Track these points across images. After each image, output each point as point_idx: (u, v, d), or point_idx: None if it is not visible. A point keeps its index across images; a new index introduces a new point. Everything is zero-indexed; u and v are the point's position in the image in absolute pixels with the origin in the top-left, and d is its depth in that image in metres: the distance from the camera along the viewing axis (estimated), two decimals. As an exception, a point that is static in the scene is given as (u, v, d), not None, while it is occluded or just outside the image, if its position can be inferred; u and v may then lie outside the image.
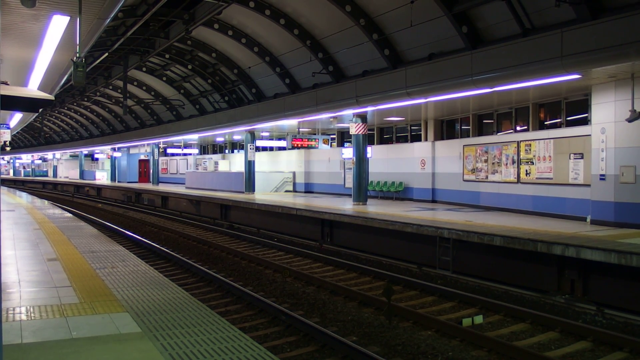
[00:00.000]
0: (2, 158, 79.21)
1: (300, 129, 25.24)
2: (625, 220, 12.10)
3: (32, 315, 5.36)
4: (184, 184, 34.93)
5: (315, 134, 26.62)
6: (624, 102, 12.06)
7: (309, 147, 24.97)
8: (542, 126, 16.03)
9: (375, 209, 17.23)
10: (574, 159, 14.10)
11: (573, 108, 15.01)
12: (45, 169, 76.93)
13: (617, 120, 12.22)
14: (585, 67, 10.44)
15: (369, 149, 20.09)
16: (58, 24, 8.27)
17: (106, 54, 25.14)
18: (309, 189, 27.30)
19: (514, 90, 13.01)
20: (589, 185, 13.23)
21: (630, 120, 11.73)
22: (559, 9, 11.91)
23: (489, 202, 16.94)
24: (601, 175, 12.57)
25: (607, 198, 12.41)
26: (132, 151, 47.70)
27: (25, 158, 76.65)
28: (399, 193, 21.04)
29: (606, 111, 12.47)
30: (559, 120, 15.47)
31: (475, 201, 17.56)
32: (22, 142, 79.67)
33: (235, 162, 34.81)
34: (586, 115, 14.40)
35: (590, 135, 13.07)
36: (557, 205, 14.55)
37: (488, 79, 12.10)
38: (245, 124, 23.69)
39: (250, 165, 26.04)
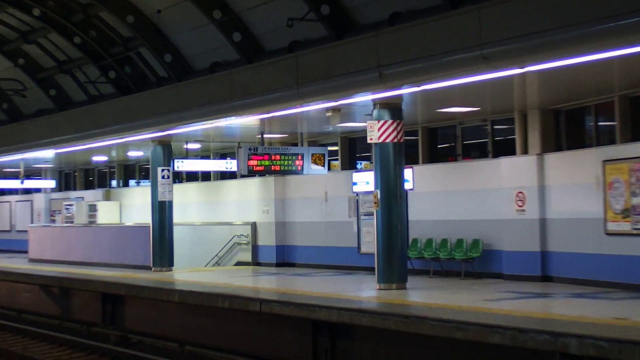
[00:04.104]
0: None
1: (264, 135, 19.72)
2: None
3: None
4: (26, 251, 27.59)
5: (296, 144, 20.49)
6: None
7: (283, 172, 19.55)
8: None
9: (425, 298, 14.23)
10: None
11: None
12: None
13: None
14: None
15: (407, 172, 16.02)
16: None
17: None
18: (286, 258, 21.22)
19: None
20: None
21: None
22: None
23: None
24: None
25: None
26: None
27: None
28: (473, 263, 16.80)
29: None
30: None
31: (634, 276, 13.87)
32: None
33: (132, 206, 27.32)
34: None
35: None
36: None
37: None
38: (151, 127, 18.57)
39: (163, 210, 19.95)
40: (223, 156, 23.07)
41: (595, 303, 12.52)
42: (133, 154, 24.65)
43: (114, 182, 29.60)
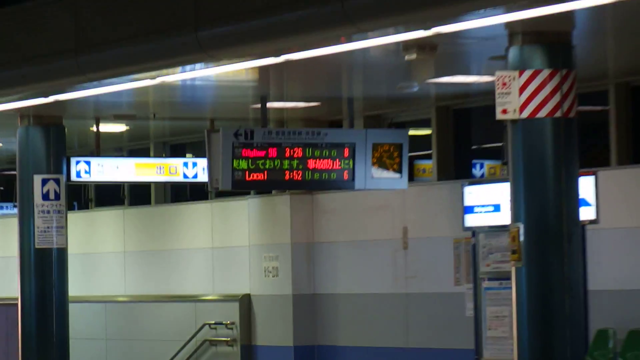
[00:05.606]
0: None
1: (268, 103, 12.74)
2: None
3: None
4: None
5: (339, 122, 14.29)
6: None
7: (309, 184, 12.19)
8: None
9: None
10: None
11: None
12: None
13: None
14: None
15: (585, 184, 10.32)
16: None
17: None
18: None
19: None
20: None
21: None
22: None
23: None
24: None
25: None
26: None
27: None
28: None
29: None
30: None
31: None
32: None
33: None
34: None
35: None
36: None
37: None
38: (20, 86, 12.15)
39: (47, 269, 14.20)
40: (177, 151, 16.46)
41: None
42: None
43: None
